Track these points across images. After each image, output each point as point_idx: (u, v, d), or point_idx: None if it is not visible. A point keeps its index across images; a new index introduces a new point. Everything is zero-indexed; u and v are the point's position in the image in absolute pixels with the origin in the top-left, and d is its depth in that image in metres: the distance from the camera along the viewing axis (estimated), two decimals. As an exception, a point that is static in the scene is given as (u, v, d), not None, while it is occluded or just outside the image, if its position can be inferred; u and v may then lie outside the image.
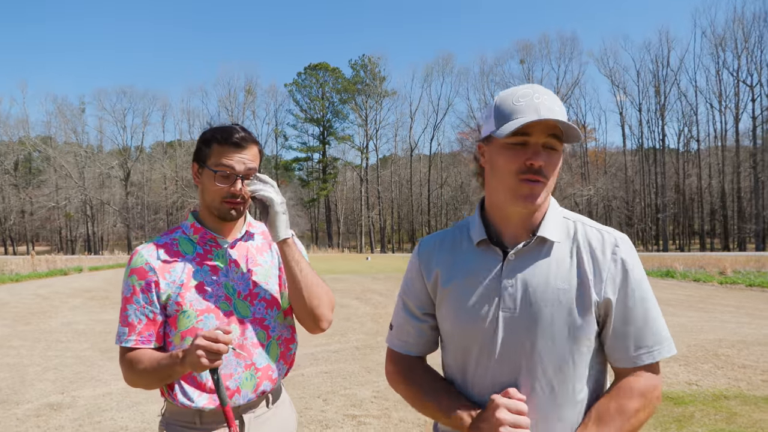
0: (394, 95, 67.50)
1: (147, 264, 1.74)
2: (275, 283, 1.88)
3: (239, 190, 1.74)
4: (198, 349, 1.52)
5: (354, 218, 71.53)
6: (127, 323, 1.73)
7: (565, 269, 1.33)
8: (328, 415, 5.08)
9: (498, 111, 1.31)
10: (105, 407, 5.56)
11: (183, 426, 1.74)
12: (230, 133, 1.74)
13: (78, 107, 68.34)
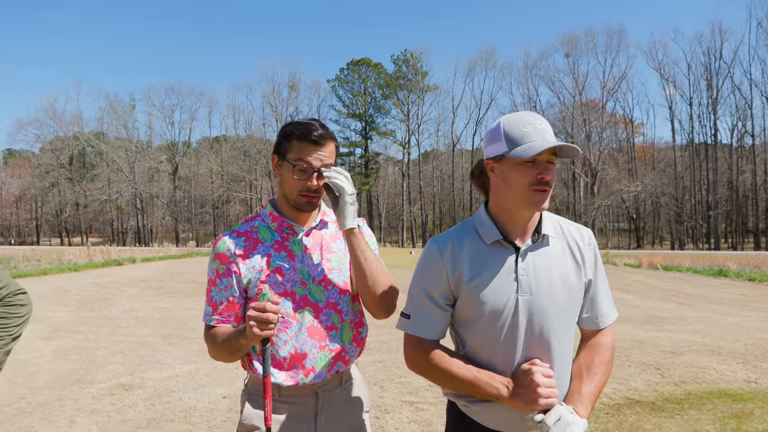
0: (436, 90, 67.35)
1: (228, 251, 1.86)
2: (348, 269, 1.97)
3: (315, 184, 1.85)
4: (250, 320, 1.63)
5: (396, 213, 71.73)
6: (211, 303, 1.89)
7: (562, 258, 1.71)
8: (386, 401, 5.22)
9: (507, 135, 1.63)
10: (172, 388, 5.83)
11: (262, 396, 1.84)
12: (309, 129, 1.84)
13: (129, 103, 70.67)
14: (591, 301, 1.76)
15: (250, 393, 1.92)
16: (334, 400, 1.91)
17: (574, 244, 1.74)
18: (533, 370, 1.60)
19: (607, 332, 1.79)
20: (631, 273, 21.31)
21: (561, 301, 1.67)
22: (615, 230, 67.56)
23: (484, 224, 1.72)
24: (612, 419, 4.64)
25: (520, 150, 1.59)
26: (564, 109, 62.22)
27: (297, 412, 1.87)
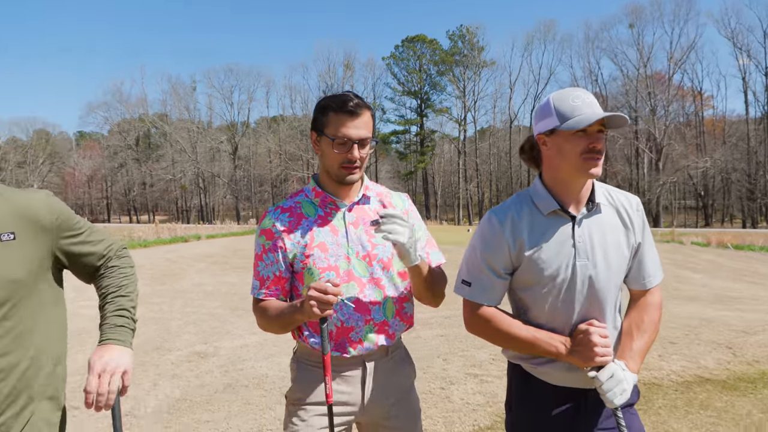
0: (492, 65, 65.97)
1: (274, 226, 1.91)
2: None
3: (356, 156, 1.85)
4: (310, 300, 1.67)
5: (451, 191, 71.28)
6: (259, 277, 1.95)
7: (614, 224, 1.84)
8: (450, 373, 5.32)
9: (558, 110, 1.75)
10: (244, 357, 6.12)
11: (312, 366, 1.93)
12: (344, 101, 1.84)
13: (190, 86, 72.67)
14: (639, 262, 1.88)
15: (300, 361, 1.98)
16: (381, 369, 1.96)
17: (623, 210, 1.86)
18: (590, 330, 1.74)
19: (654, 292, 1.92)
20: (699, 252, 20.52)
21: (614, 265, 1.81)
22: (681, 208, 64.84)
23: (540, 195, 1.83)
24: (681, 396, 4.58)
25: (571, 122, 1.71)
26: (627, 82, 59.81)
27: (346, 380, 1.92)
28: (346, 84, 67.62)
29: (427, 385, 5.00)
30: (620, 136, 60.03)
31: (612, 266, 1.80)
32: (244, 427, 4.20)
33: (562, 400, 1.85)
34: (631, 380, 1.73)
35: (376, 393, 1.94)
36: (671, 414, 4.22)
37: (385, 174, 70.57)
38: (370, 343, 1.90)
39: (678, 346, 5.85)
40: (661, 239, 26.72)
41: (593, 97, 1.76)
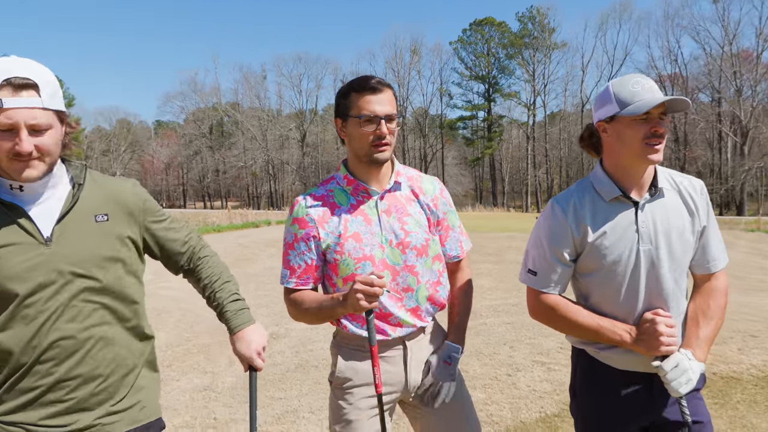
0: (564, 47, 63.78)
1: (308, 215, 1.94)
2: (424, 231, 1.99)
3: (385, 131, 1.86)
4: (357, 293, 1.71)
5: (519, 177, 69.91)
6: (289, 267, 1.98)
7: (678, 209, 1.84)
8: (517, 360, 5.31)
9: (617, 97, 1.75)
10: (314, 339, 6.33)
11: (353, 349, 1.99)
12: (365, 80, 1.90)
13: (260, 74, 74.34)
14: (703, 246, 1.88)
15: (341, 346, 2.03)
16: (422, 347, 2.02)
17: (687, 194, 1.86)
18: (657, 319, 1.75)
19: (720, 276, 1.91)
20: (786, 241, 19.29)
21: (678, 250, 1.82)
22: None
23: (602, 182, 1.86)
24: (762, 391, 4.37)
25: (632, 108, 1.72)
26: (710, 61, 56.40)
27: (388, 361, 1.97)
28: (412, 69, 67.37)
29: (493, 371, 5.02)
30: (701, 119, 56.91)
31: (676, 251, 1.81)
32: (315, 405, 4.37)
33: (628, 384, 1.87)
34: (697, 369, 1.75)
35: (418, 371, 2.00)
36: (750, 409, 4.06)
37: (451, 160, 70.03)
38: (408, 325, 1.97)
39: (760, 340, 5.59)
40: (746, 228, 25.25)
41: (653, 82, 1.77)
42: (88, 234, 1.62)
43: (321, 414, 4.18)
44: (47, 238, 1.56)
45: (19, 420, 1.56)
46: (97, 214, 1.65)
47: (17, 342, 1.53)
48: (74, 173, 1.67)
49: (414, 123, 68.91)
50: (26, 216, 1.55)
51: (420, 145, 67.46)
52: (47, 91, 1.48)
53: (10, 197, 1.55)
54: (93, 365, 1.61)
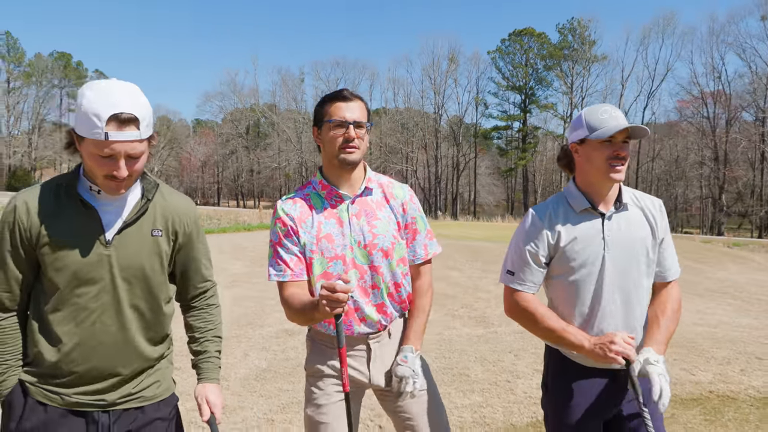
0: (604, 60, 62.99)
1: (288, 215, 2.12)
2: (392, 235, 2.16)
3: (353, 135, 2.06)
4: (322, 299, 1.79)
5: (552, 190, 69.10)
6: (282, 261, 2.10)
7: (640, 222, 2.10)
8: (519, 368, 5.45)
9: (588, 122, 2.03)
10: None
11: (323, 344, 2.19)
12: (337, 91, 2.13)
13: (298, 77, 75.51)
14: (660, 258, 2.15)
15: (314, 339, 2.24)
16: (384, 350, 2.19)
17: (648, 211, 2.14)
18: (615, 333, 1.98)
19: (674, 285, 2.19)
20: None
21: (640, 256, 2.07)
22: (811, 219, 58.84)
23: (573, 196, 2.12)
24: (755, 411, 4.41)
25: (598, 133, 1.99)
26: (756, 79, 55.00)
27: (353, 358, 2.14)
28: (449, 78, 67.44)
29: (494, 377, 5.17)
30: (743, 138, 55.49)
31: (637, 257, 2.07)
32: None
33: (594, 380, 2.11)
34: (662, 363, 1.95)
35: (380, 366, 2.19)
36: (740, 427, 4.13)
37: (484, 170, 69.80)
38: (371, 321, 2.14)
39: (765, 362, 5.59)
40: (783, 252, 24.62)
41: (620, 112, 2.05)
42: (142, 245, 1.80)
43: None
44: (108, 240, 1.74)
45: (55, 390, 1.76)
46: (154, 228, 1.83)
47: (61, 325, 1.72)
48: (146, 187, 1.84)
49: (448, 131, 68.91)
50: (97, 217, 1.73)
51: (453, 153, 67.40)
52: (144, 123, 1.67)
53: (88, 196, 1.75)
54: (123, 361, 1.81)
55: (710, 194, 58.65)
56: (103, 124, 1.58)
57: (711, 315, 8.48)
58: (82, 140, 1.64)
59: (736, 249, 24.35)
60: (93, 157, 1.64)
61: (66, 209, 1.73)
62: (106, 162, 1.63)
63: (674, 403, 4.50)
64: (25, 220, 1.70)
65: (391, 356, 2.21)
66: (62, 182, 1.77)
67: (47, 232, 1.70)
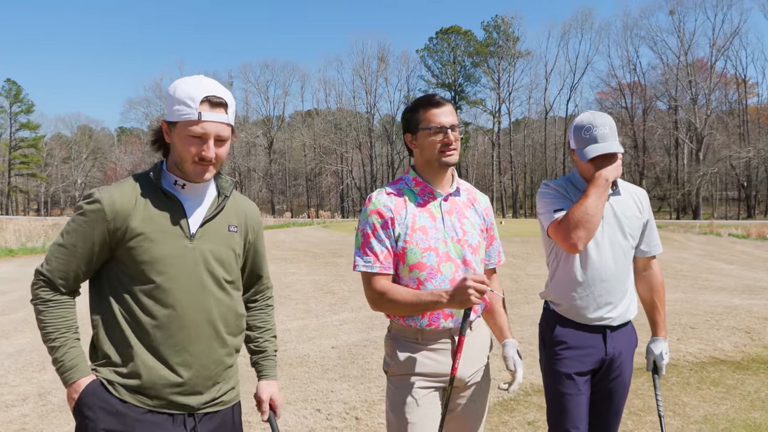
0: (528, 56, 65.50)
1: (385, 206, 2.13)
2: (477, 233, 2.22)
3: (452, 139, 2.13)
4: (469, 289, 1.84)
5: (485, 183, 71.02)
6: (372, 253, 2.10)
7: (630, 204, 2.46)
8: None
9: (574, 140, 2.39)
10: (287, 339, 6.63)
11: (408, 341, 2.13)
12: (429, 96, 2.19)
13: (226, 81, 73.95)
14: (647, 236, 2.52)
15: (396, 338, 2.17)
16: (473, 342, 2.16)
17: (635, 196, 2.51)
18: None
19: (656, 261, 2.60)
20: (735, 243, 20.32)
21: (628, 231, 2.44)
22: (723, 199, 63.23)
23: (578, 179, 2.48)
24: (694, 375, 4.88)
25: (579, 155, 2.37)
26: (667, 70, 58.60)
27: (438, 352, 2.11)
28: (380, 77, 68.00)
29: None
30: (659, 126, 58.86)
31: (627, 231, 2.43)
32: (292, 397, 4.68)
33: (585, 334, 2.39)
34: (667, 345, 2.54)
35: (463, 362, 2.11)
36: (683, 390, 4.54)
37: (418, 167, 70.66)
38: (458, 317, 2.10)
39: (697, 331, 6.11)
40: (699, 231, 26.39)
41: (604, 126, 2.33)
42: (222, 239, 1.85)
43: (297, 405, 4.50)
44: (192, 234, 1.78)
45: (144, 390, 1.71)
46: (231, 224, 1.89)
47: (149, 319, 1.71)
48: (223, 185, 1.91)
49: (381, 130, 69.46)
50: (182, 210, 1.78)
51: (387, 151, 68.10)
52: (231, 110, 1.77)
53: (172, 190, 1.79)
54: (208, 355, 1.79)
55: (632, 180, 61.77)
56: (197, 104, 1.70)
57: (645, 292, 9.08)
58: (174, 127, 1.74)
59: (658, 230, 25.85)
60: (184, 140, 1.72)
61: (151, 202, 1.76)
62: (197, 143, 1.72)
63: (623, 373, 4.87)
64: (108, 213, 1.70)
65: (473, 349, 2.22)
66: (146, 177, 1.80)
67: (133, 226, 1.72)
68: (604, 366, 2.40)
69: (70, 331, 1.77)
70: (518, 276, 11.62)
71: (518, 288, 9.99)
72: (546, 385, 2.46)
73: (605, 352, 2.38)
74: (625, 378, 2.43)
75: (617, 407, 2.44)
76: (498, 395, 4.53)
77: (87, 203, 1.72)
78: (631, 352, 2.46)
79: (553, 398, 2.41)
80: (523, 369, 2.32)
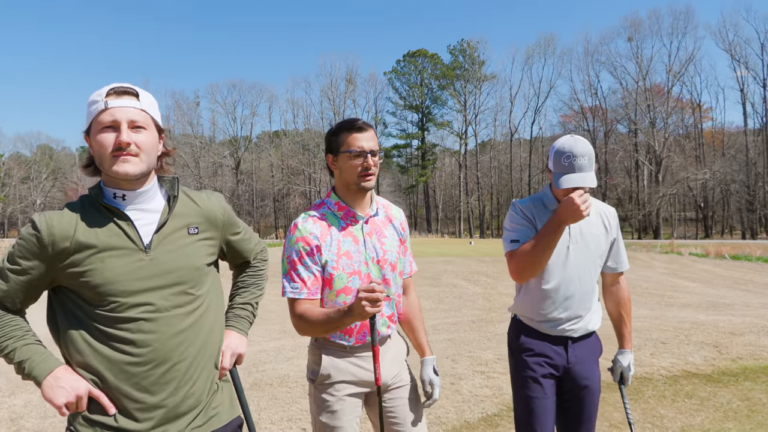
0: (493, 79, 66.77)
1: (312, 234, 2.19)
2: (396, 249, 2.36)
3: (371, 163, 2.19)
4: (362, 301, 1.88)
5: (453, 204, 71.72)
6: (300, 279, 2.17)
7: (597, 223, 2.54)
8: (459, 371, 5.76)
9: (552, 162, 2.40)
10: (265, 360, 6.56)
11: (335, 349, 2.26)
12: (352, 121, 2.23)
13: (193, 101, 73.37)
14: (615, 253, 2.62)
15: (324, 348, 2.27)
16: (388, 351, 2.34)
17: (604, 215, 2.60)
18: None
19: (623, 278, 2.70)
20: (696, 262, 20.95)
21: (595, 250, 2.53)
22: (681, 220, 65.22)
23: (548, 198, 2.53)
24: (669, 388, 5.03)
25: (554, 178, 2.42)
26: (626, 95, 60.54)
27: (364, 360, 2.26)
28: (348, 99, 68.41)
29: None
30: (620, 149, 60.57)
31: (594, 250, 2.53)
32: (275, 417, 4.65)
33: (550, 344, 2.51)
34: (632, 356, 2.68)
35: (385, 368, 2.31)
36: (659, 402, 4.67)
37: (386, 187, 71.07)
38: (382, 331, 2.29)
39: (668, 346, 6.30)
40: (661, 250, 27.13)
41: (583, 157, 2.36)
42: (182, 245, 1.73)
43: (281, 425, 4.47)
44: (146, 245, 1.66)
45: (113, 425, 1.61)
46: (189, 226, 1.77)
47: (114, 343, 1.60)
48: (167, 187, 1.79)
49: (350, 151, 69.46)
50: (129, 222, 1.66)
51: (356, 172, 68.09)
52: (146, 101, 1.69)
53: (114, 204, 1.67)
54: (184, 370, 1.68)
55: (595, 201, 63.15)
56: (103, 97, 1.64)
57: (615, 309, 9.30)
58: (90, 132, 1.66)
59: (623, 250, 26.47)
60: (99, 136, 1.63)
61: (94, 221, 1.65)
62: (110, 135, 1.63)
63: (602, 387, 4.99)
64: (46, 237, 1.59)
65: (390, 355, 2.38)
66: (85, 198, 1.71)
67: (75, 249, 1.60)
68: (569, 374, 2.52)
69: (28, 335, 1.67)
70: (491, 295, 11.75)
71: (492, 307, 10.10)
72: (514, 390, 2.60)
73: (567, 360, 2.51)
74: (593, 385, 2.55)
75: (589, 414, 2.56)
76: (482, 411, 4.58)
77: (25, 228, 1.64)
78: (596, 359, 2.59)
79: (520, 402, 2.55)
80: (440, 388, 2.51)
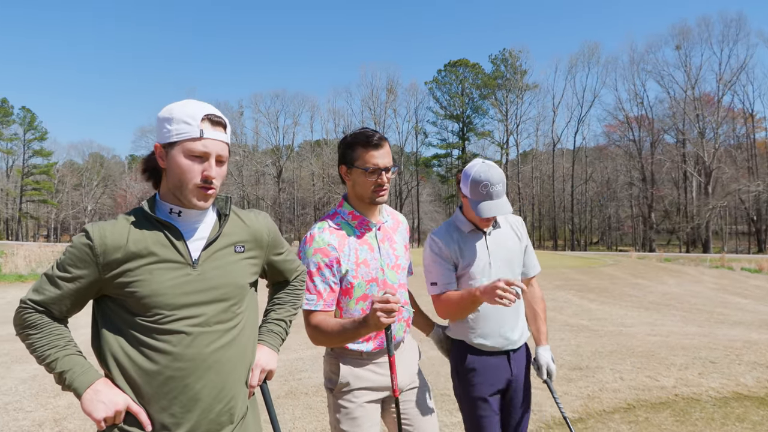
0: (535, 89, 66.05)
1: (329, 245, 2.20)
2: (405, 253, 2.44)
3: (385, 180, 2.23)
4: (377, 312, 1.92)
5: (493, 214, 70.89)
6: (316, 291, 2.18)
7: (510, 235, 2.69)
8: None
9: (472, 190, 2.47)
10: (301, 368, 6.56)
11: (352, 358, 2.27)
12: (369, 136, 2.22)
13: (237, 111, 74.91)
14: (526, 259, 2.77)
15: (341, 356, 2.28)
16: (403, 355, 2.38)
17: (514, 226, 2.75)
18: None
19: (535, 281, 2.86)
20: (748, 278, 20.13)
21: (513, 261, 2.66)
22: (733, 233, 62.82)
23: (461, 221, 2.63)
24: (718, 410, 4.79)
25: (472, 205, 2.47)
26: (674, 104, 58.89)
27: (381, 366, 2.29)
28: (388, 108, 68.68)
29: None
30: (667, 159, 58.89)
31: (512, 262, 2.65)
32: (309, 427, 4.62)
33: (492, 359, 2.57)
34: (550, 352, 2.75)
35: (402, 371, 2.34)
36: (708, 425, 4.45)
37: (426, 197, 70.98)
38: (398, 336, 2.32)
39: (718, 366, 6.02)
40: (711, 265, 26.19)
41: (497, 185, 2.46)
42: (228, 262, 1.74)
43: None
44: (195, 260, 1.68)
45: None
46: (236, 244, 1.78)
47: (152, 353, 1.61)
48: (219, 205, 1.80)
49: (390, 160, 69.69)
50: (181, 237, 1.67)
51: (395, 182, 68.25)
52: (229, 132, 1.72)
53: (168, 219, 1.69)
54: (222, 385, 1.69)
55: (640, 213, 61.62)
56: (197, 122, 1.63)
57: (661, 326, 8.98)
58: (171, 148, 1.65)
59: (669, 264, 25.69)
60: (185, 161, 1.63)
61: (147, 233, 1.65)
62: (198, 163, 1.63)
63: (645, 407, 4.80)
64: (98, 247, 1.60)
65: (405, 362, 2.40)
66: (140, 210, 1.70)
67: (126, 260, 1.61)
68: (511, 385, 2.61)
69: (70, 345, 1.66)
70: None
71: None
72: (464, 412, 2.61)
73: (510, 372, 2.59)
74: (528, 391, 2.67)
75: (524, 418, 2.66)
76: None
77: (78, 237, 1.64)
78: (529, 368, 2.72)
79: (471, 423, 2.58)
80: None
